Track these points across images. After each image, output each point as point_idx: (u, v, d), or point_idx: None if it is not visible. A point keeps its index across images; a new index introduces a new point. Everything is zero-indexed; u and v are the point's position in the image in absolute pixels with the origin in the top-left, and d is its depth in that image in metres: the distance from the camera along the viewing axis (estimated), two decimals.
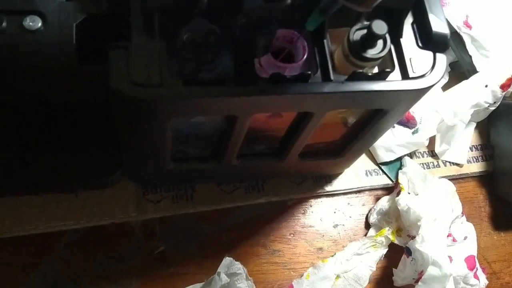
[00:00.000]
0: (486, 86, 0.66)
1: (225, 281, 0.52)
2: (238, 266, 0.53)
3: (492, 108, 0.68)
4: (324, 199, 0.63)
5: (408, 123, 0.65)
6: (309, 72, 0.37)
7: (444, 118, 0.66)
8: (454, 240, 0.57)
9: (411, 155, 0.67)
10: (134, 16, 0.35)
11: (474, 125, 0.70)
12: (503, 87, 0.66)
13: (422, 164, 0.67)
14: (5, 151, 0.52)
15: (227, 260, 0.54)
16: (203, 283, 0.54)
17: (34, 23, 0.35)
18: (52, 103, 0.43)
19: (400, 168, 0.65)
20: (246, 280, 0.53)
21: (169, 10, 0.36)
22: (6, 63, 0.35)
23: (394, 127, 0.65)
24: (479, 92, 0.66)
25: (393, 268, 0.59)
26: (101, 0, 0.36)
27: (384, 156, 0.65)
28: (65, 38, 0.35)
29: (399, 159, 0.66)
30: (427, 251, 0.54)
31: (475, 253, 0.58)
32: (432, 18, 0.39)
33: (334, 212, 0.63)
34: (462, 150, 0.68)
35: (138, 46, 0.35)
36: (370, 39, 0.37)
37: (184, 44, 0.35)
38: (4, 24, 0.34)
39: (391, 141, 0.65)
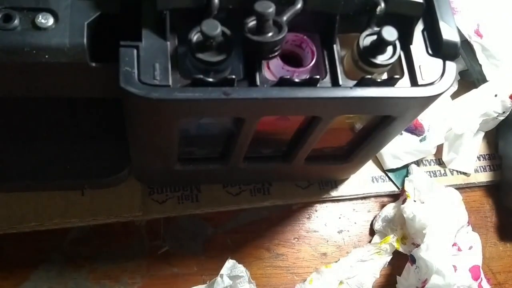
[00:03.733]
0: (496, 95, 0.65)
1: (227, 283, 0.52)
2: (241, 269, 0.53)
3: (501, 118, 0.67)
4: (329, 204, 0.63)
5: (416, 130, 0.65)
6: (318, 77, 0.37)
7: (452, 126, 0.66)
8: (459, 249, 0.57)
9: (418, 162, 0.66)
10: (145, 15, 0.36)
11: (482, 134, 0.70)
12: None
13: (429, 172, 0.67)
14: (12, 148, 0.52)
15: (230, 262, 0.54)
16: (206, 284, 0.54)
17: (46, 20, 0.35)
18: (62, 100, 0.43)
19: (406, 175, 0.64)
20: (248, 283, 0.53)
21: (180, 11, 0.36)
22: (17, 60, 0.35)
23: (401, 134, 0.65)
24: (488, 102, 0.66)
25: (397, 276, 0.59)
26: None
27: (391, 163, 0.65)
28: (76, 37, 0.35)
29: (406, 166, 0.65)
30: (432, 260, 0.53)
31: (480, 263, 0.58)
32: (443, 25, 0.39)
33: (339, 218, 0.63)
34: (470, 159, 0.68)
35: (148, 46, 0.35)
36: (380, 45, 0.37)
37: (194, 44, 0.35)
38: (16, 21, 0.34)
39: (399, 148, 0.64)
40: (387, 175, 0.65)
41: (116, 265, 0.56)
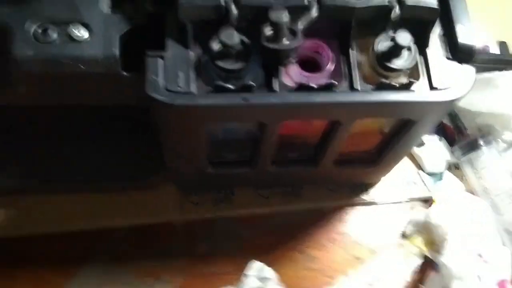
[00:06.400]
0: None
1: (255, 285, 0.52)
2: (270, 272, 0.53)
3: None
4: (360, 208, 0.63)
5: None
6: (335, 82, 0.38)
7: None
8: (484, 261, 0.54)
9: (453, 166, 0.65)
10: (169, 27, 0.38)
11: None
12: None
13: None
14: (62, 153, 0.55)
15: (256, 264, 0.54)
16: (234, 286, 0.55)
17: (82, 34, 0.38)
18: (102, 108, 0.46)
19: (440, 180, 0.63)
20: (276, 286, 0.53)
21: (202, 22, 0.38)
22: (55, 70, 0.38)
23: (441, 140, 0.65)
24: None
25: (420, 285, 0.58)
26: (141, 12, 0.39)
27: (431, 167, 0.64)
28: (109, 48, 0.38)
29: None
30: (453, 266, 0.52)
31: (509, 278, 0.55)
32: (459, 28, 0.39)
33: (371, 221, 0.63)
34: None
35: (172, 55, 0.38)
36: (395, 49, 0.38)
37: (215, 53, 0.37)
38: (54, 34, 0.37)
39: (440, 152, 0.65)
40: (421, 178, 0.64)
41: (157, 263, 0.58)
